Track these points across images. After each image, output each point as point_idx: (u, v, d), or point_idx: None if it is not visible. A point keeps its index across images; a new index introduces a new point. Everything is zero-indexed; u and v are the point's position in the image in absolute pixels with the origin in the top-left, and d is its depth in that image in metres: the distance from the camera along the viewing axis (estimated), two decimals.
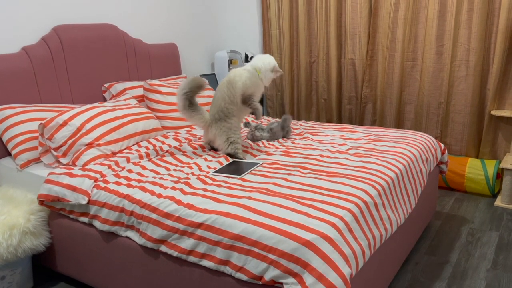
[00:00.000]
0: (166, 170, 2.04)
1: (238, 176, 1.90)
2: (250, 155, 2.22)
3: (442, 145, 2.57)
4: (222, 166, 2.04)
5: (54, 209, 2.04)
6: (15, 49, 2.48)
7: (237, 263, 1.46)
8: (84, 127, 2.22)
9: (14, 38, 2.46)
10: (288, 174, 1.89)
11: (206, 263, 1.54)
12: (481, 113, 3.14)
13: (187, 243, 1.58)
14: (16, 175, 2.25)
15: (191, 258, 1.58)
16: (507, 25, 2.84)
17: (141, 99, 2.87)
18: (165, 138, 2.54)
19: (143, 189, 1.81)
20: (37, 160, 2.30)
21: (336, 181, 1.78)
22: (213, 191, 1.75)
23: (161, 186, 1.83)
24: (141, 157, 2.20)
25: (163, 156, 2.24)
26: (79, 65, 2.71)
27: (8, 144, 2.27)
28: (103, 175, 1.99)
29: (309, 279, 1.33)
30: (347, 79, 3.61)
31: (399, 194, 1.93)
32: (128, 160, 2.16)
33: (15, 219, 1.94)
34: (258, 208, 1.55)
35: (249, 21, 3.95)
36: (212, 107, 2.24)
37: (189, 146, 2.39)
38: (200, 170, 2.02)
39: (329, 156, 2.12)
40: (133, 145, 2.40)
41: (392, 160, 2.04)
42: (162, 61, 3.31)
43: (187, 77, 1.91)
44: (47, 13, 2.61)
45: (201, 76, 3.67)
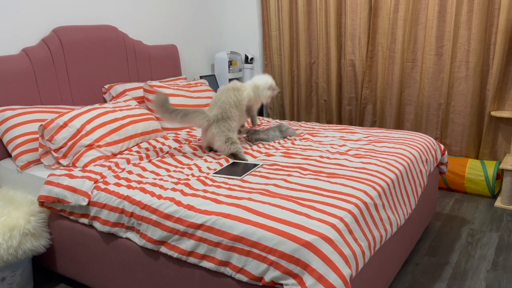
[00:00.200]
0: (166, 171, 2.04)
1: (238, 177, 1.90)
2: (250, 156, 2.22)
3: (442, 146, 2.57)
4: (222, 167, 2.05)
5: (54, 211, 2.04)
6: (15, 51, 2.48)
7: (237, 264, 1.47)
8: (84, 129, 2.22)
9: (14, 40, 2.47)
10: (288, 175, 1.89)
11: (206, 264, 1.54)
12: (481, 114, 3.13)
13: (187, 244, 1.58)
14: (16, 177, 2.26)
15: (191, 259, 1.58)
16: (507, 26, 2.85)
17: (141, 101, 2.88)
18: (165, 139, 2.55)
19: (143, 190, 1.81)
20: (37, 162, 2.30)
21: (336, 182, 1.79)
22: (213, 192, 1.75)
23: (161, 187, 1.83)
24: (141, 159, 2.21)
25: (163, 158, 2.24)
26: (79, 67, 2.71)
27: (8, 146, 2.27)
28: (103, 177, 1.99)
29: (309, 280, 1.33)
30: (347, 80, 3.61)
31: (399, 195, 1.93)
32: (128, 162, 2.16)
33: (15, 221, 1.94)
34: (258, 209, 1.55)
35: (249, 22, 3.95)
36: (215, 108, 2.30)
37: (189, 147, 2.39)
38: (200, 171, 2.02)
39: (329, 157, 2.13)
40: (133, 147, 2.40)
41: (392, 161, 2.04)
42: (162, 62, 3.31)
43: (153, 101, 2.15)
44: (47, 15, 2.61)
45: (201, 77, 3.68)
